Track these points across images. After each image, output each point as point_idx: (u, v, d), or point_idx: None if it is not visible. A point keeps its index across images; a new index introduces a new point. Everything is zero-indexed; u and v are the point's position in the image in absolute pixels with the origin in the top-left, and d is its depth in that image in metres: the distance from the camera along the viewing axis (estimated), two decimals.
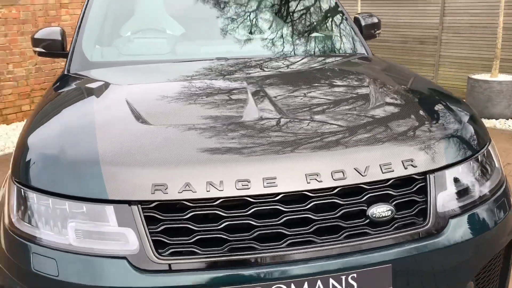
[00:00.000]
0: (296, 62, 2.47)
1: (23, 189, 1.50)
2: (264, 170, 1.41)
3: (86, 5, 2.80)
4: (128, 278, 1.33)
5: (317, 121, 1.66)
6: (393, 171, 1.48)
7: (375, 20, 3.17)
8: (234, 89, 1.98)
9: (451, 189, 1.56)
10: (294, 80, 2.14)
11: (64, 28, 3.05)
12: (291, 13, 2.91)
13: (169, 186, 1.38)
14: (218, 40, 2.75)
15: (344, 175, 1.44)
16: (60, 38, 2.75)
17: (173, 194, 1.37)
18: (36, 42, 2.81)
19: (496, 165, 1.78)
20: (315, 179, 1.42)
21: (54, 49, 2.77)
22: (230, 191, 1.38)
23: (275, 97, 1.84)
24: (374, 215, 1.45)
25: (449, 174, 1.57)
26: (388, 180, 1.48)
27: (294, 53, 2.62)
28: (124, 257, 1.35)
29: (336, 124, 1.65)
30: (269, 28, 2.75)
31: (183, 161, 1.43)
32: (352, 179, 1.45)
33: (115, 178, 1.40)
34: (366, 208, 1.46)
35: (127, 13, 2.86)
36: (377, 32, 3.19)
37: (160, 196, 1.37)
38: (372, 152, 1.51)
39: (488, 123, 5.72)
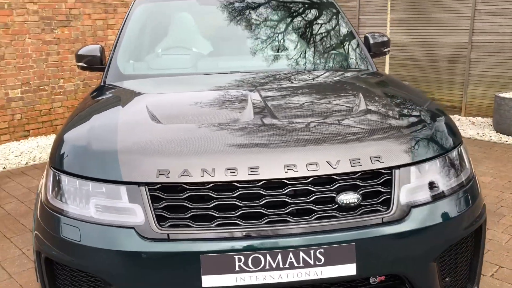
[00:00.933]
0: (297, 75, 2.76)
1: (57, 173, 1.86)
2: (249, 161, 1.71)
3: (122, 27, 3.21)
4: (135, 244, 1.65)
5: (301, 123, 1.94)
6: (361, 165, 1.74)
7: (384, 39, 3.41)
8: (238, 97, 2.29)
9: (415, 183, 1.79)
10: (290, 90, 2.43)
11: (110, 46, 3.47)
12: (299, 33, 3.21)
13: (171, 171, 1.69)
14: (235, 57, 3.09)
15: (317, 167, 1.71)
16: (99, 54, 3.17)
17: (173, 178, 1.68)
18: (79, 58, 3.24)
19: (466, 165, 1.99)
20: (292, 169, 1.70)
21: (94, 63, 3.18)
22: (220, 177, 1.68)
23: (270, 103, 2.13)
24: (342, 202, 1.71)
25: (414, 170, 1.80)
26: (357, 172, 1.74)
27: (298, 67, 2.91)
28: (132, 227, 1.67)
29: (317, 126, 1.92)
30: (278, 46, 3.07)
31: (183, 152, 1.75)
32: (324, 170, 1.71)
33: (128, 165, 1.73)
34: (335, 195, 1.71)
35: (155, 33, 3.26)
36: (386, 49, 3.42)
37: (163, 179, 1.69)
38: (344, 149, 1.77)
39: None
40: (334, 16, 3.36)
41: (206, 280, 1.62)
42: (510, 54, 6.52)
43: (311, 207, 1.70)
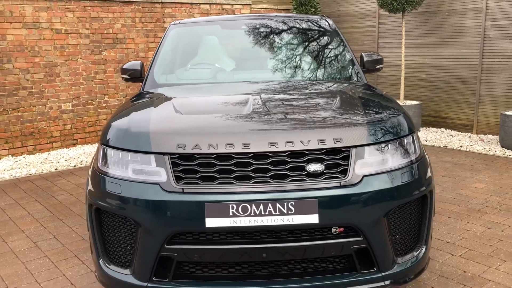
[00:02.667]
0: (295, 84, 3.40)
1: (106, 148, 2.56)
2: (243, 139, 2.34)
3: (159, 46, 3.97)
4: (159, 195, 2.30)
5: (286, 115, 2.57)
6: (326, 144, 2.34)
7: (377, 57, 4.01)
8: (243, 97, 2.94)
9: (368, 159, 2.38)
10: (285, 94, 3.07)
11: (148, 63, 4.24)
12: (301, 52, 3.87)
13: (186, 145, 2.35)
14: (248, 70, 3.78)
15: (292, 144, 2.33)
16: (139, 68, 3.92)
17: (188, 150, 2.34)
18: (123, 71, 4.00)
19: (415, 149, 2.56)
20: (274, 145, 2.33)
21: (135, 76, 3.94)
22: (221, 150, 2.32)
23: (267, 102, 2.78)
24: (310, 170, 2.31)
25: (367, 149, 2.39)
26: (322, 149, 2.34)
27: (297, 78, 3.57)
28: (158, 184, 2.32)
29: (298, 117, 2.54)
30: (283, 62, 3.74)
31: (195, 132, 2.41)
32: (298, 147, 2.33)
33: (157, 141, 2.40)
34: (305, 165, 2.32)
35: (184, 51, 4.00)
36: (379, 66, 4.01)
37: (180, 150, 2.34)
38: (314, 132, 2.38)
39: None
40: (334, 39, 4.01)
41: (209, 221, 2.24)
42: None
43: (287, 172, 2.31)
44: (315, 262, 2.43)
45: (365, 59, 3.97)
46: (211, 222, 2.25)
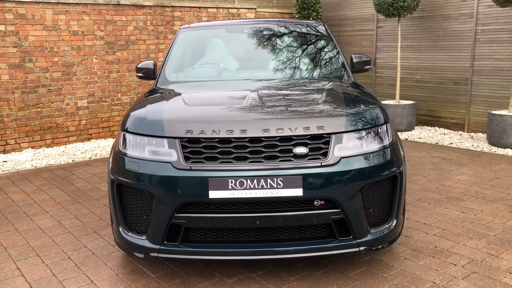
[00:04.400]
0: (290, 81, 3.88)
1: (125, 133, 3.04)
2: (241, 126, 2.81)
3: (170, 47, 4.46)
4: (171, 171, 2.77)
5: (278, 107, 3.03)
6: (310, 131, 2.81)
7: (366, 59, 4.46)
8: (243, 92, 3.41)
9: (345, 144, 2.84)
10: (280, 89, 3.54)
11: (159, 63, 4.72)
12: (296, 53, 4.34)
13: (193, 131, 2.82)
14: (249, 69, 4.26)
15: (282, 131, 2.80)
16: (152, 67, 4.41)
17: (195, 134, 2.81)
18: (138, 69, 4.49)
19: (388, 136, 3.01)
20: (267, 131, 2.79)
21: (148, 74, 4.42)
22: (222, 134, 2.79)
23: (263, 97, 3.24)
24: (296, 152, 2.78)
25: (345, 136, 2.85)
26: (307, 135, 2.81)
27: (293, 77, 4.04)
28: (169, 162, 2.79)
29: (288, 108, 3.01)
30: (280, 63, 4.21)
31: (201, 120, 2.88)
32: (286, 133, 2.79)
33: (169, 126, 2.88)
34: (292, 148, 2.79)
35: (193, 52, 4.49)
36: (368, 67, 4.46)
37: (189, 135, 2.82)
38: (301, 121, 2.85)
39: (502, 151, 6.58)
40: (327, 42, 4.47)
41: (212, 193, 2.71)
42: (506, 77, 7.37)
43: (277, 154, 2.78)
44: (300, 230, 2.90)
45: (354, 60, 4.43)
46: (213, 194, 2.72)
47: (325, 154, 2.80)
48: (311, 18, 9.43)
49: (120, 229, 3.04)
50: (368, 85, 9.49)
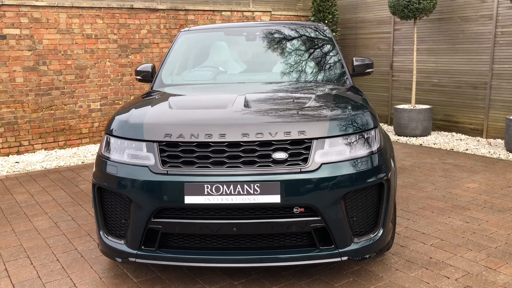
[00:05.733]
0: (282, 85, 3.79)
1: (108, 136, 3.01)
2: (220, 130, 2.75)
3: (169, 50, 4.44)
4: (148, 176, 2.72)
5: (262, 111, 2.95)
6: (291, 136, 2.72)
7: (369, 62, 4.33)
8: (231, 95, 3.34)
9: (327, 149, 2.73)
10: (270, 93, 3.46)
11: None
12: (293, 57, 4.25)
13: (172, 134, 2.77)
14: (245, 72, 4.19)
15: (262, 136, 2.72)
16: (150, 70, 4.40)
17: (173, 138, 2.76)
18: (137, 73, 4.49)
19: (374, 142, 2.88)
20: (246, 136, 2.72)
21: (147, 77, 4.41)
22: (201, 139, 2.73)
23: (250, 100, 3.17)
24: (275, 157, 2.69)
25: (327, 141, 2.75)
26: (287, 140, 2.72)
27: (287, 80, 3.95)
28: (147, 166, 2.75)
29: (271, 113, 2.92)
30: (274, 66, 4.13)
31: (181, 123, 2.83)
32: (266, 137, 2.71)
33: (148, 130, 2.84)
34: (272, 153, 2.71)
35: (190, 55, 4.45)
36: (369, 70, 4.33)
37: (167, 139, 2.77)
38: (282, 125, 2.76)
39: None
40: (327, 45, 4.37)
41: (187, 198, 2.65)
42: None
43: (255, 159, 2.70)
44: (281, 238, 2.81)
45: (355, 63, 4.31)
46: (189, 199, 2.66)
47: (305, 160, 2.71)
48: (326, 21, 9.31)
49: (101, 232, 3.02)
50: (385, 89, 9.29)
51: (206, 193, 2.65)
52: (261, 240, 2.81)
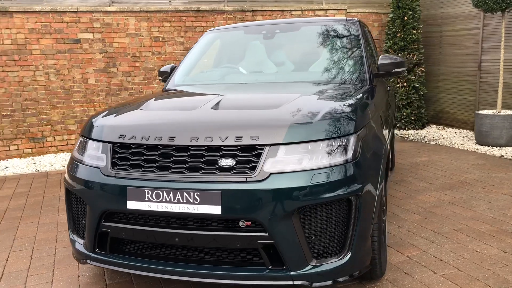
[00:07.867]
0: (276, 85, 3.48)
1: (80, 137, 3.01)
2: (170, 133, 2.58)
3: (189, 52, 4.37)
4: (98, 177, 2.65)
5: (224, 114, 2.71)
6: (241, 141, 2.45)
7: (396, 60, 3.80)
8: (210, 97, 3.12)
9: (281, 157, 2.41)
10: (255, 92, 3.19)
11: None
12: (307, 54, 3.90)
13: (126, 136, 2.67)
14: (254, 72, 3.96)
15: (211, 140, 2.49)
16: (169, 71, 4.37)
17: (126, 140, 2.65)
18: (160, 73, 4.50)
19: (345, 152, 2.47)
20: (195, 139, 2.52)
21: (167, 78, 4.39)
22: (151, 141, 2.59)
23: (226, 100, 2.94)
24: (222, 164, 2.45)
25: (283, 148, 2.42)
26: (237, 146, 2.45)
27: (288, 79, 3.63)
28: (99, 168, 2.69)
29: (233, 115, 2.67)
30: (280, 66, 3.83)
31: (134, 125, 2.71)
32: (215, 142, 2.48)
33: (107, 131, 2.77)
34: (219, 159, 2.46)
35: (206, 55, 4.33)
36: (396, 70, 3.78)
37: (120, 140, 2.67)
38: (234, 129, 2.50)
39: None
40: (348, 42, 3.95)
41: (129, 204, 2.52)
42: None
43: (201, 165, 2.48)
44: (229, 253, 2.55)
45: (380, 62, 3.82)
46: (131, 205, 2.54)
47: (253, 169, 2.42)
48: (406, 18, 8.56)
49: (70, 232, 3.02)
50: (471, 92, 8.28)
51: (147, 199, 2.51)
52: (208, 253, 2.58)
